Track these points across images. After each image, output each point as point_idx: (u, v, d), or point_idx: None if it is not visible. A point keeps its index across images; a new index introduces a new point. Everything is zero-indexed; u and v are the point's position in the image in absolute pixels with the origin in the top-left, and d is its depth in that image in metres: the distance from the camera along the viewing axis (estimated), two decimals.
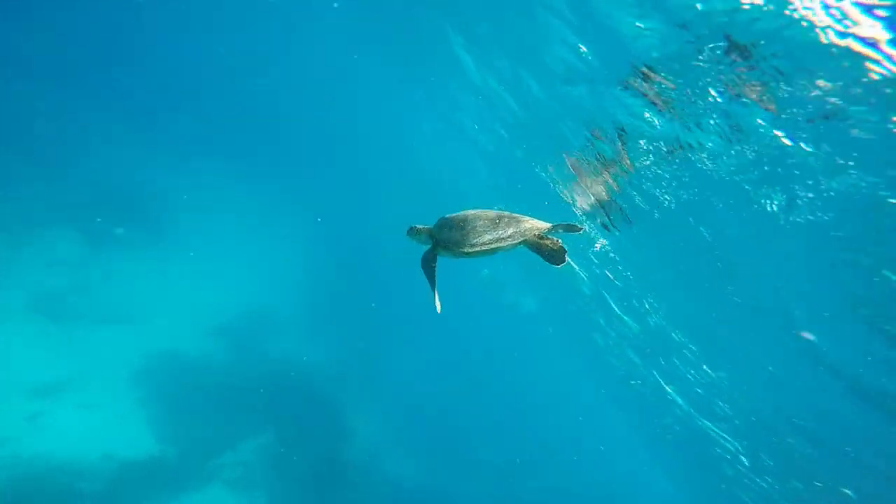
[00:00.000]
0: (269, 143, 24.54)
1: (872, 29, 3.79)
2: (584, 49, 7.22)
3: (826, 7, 3.90)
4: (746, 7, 4.39)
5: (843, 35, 3.97)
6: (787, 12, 4.13)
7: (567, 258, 3.29)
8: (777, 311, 7.09)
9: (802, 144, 4.93)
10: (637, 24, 5.76)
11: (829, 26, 4.01)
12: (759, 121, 5.19)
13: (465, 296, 23.46)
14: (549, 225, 3.26)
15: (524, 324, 22.59)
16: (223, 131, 24.48)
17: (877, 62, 3.91)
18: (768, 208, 5.84)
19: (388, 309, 21.38)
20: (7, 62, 20.25)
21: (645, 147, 7.23)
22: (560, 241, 3.32)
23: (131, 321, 18.07)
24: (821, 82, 4.37)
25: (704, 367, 10.67)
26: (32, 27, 21.49)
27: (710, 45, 5.02)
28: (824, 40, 4.06)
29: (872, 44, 3.85)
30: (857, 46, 3.93)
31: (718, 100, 5.47)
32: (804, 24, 4.09)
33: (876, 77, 3.96)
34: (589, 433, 26.04)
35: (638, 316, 12.46)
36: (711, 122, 5.78)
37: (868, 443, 7.38)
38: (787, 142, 5.06)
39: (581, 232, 3.46)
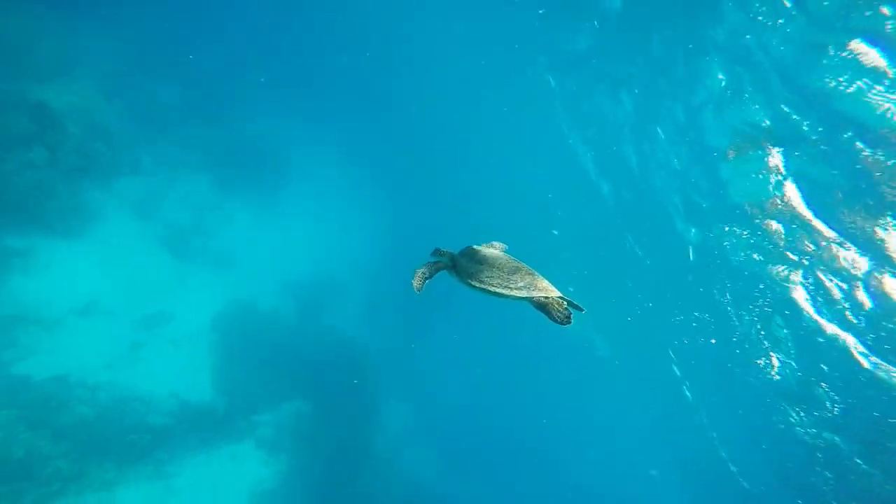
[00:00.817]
0: (394, 129, 25.33)
1: None
2: None
3: None
4: None
5: None
6: None
7: (572, 321, 3.22)
8: None
9: None
10: None
11: None
12: None
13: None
14: (558, 293, 3.25)
15: (591, 364, 21.51)
16: (359, 110, 25.76)
17: None
18: None
19: (445, 310, 21.69)
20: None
21: None
22: (566, 305, 3.25)
23: (228, 265, 20.38)
24: None
25: None
26: None
27: None
28: None
29: None
30: None
31: None
32: None
33: None
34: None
35: None
36: None
37: None
38: None
39: (583, 312, 3.32)
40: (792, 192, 9.82)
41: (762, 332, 12.68)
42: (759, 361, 13.23)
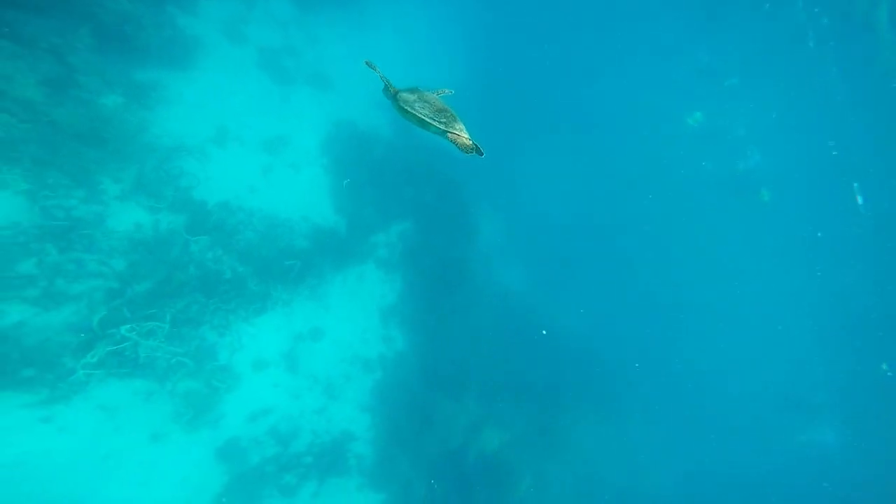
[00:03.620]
0: None
1: None
2: None
3: None
4: None
5: None
6: None
7: (478, 152, 3.96)
8: None
9: None
10: None
11: None
12: None
13: None
14: (469, 142, 4.00)
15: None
16: None
17: None
18: None
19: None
20: None
21: None
22: (473, 147, 3.97)
23: (323, 86, 20.50)
24: None
25: None
26: None
27: None
28: None
29: None
30: None
31: None
32: None
33: None
34: None
35: None
36: None
37: None
38: None
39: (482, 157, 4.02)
40: None
41: None
42: None
